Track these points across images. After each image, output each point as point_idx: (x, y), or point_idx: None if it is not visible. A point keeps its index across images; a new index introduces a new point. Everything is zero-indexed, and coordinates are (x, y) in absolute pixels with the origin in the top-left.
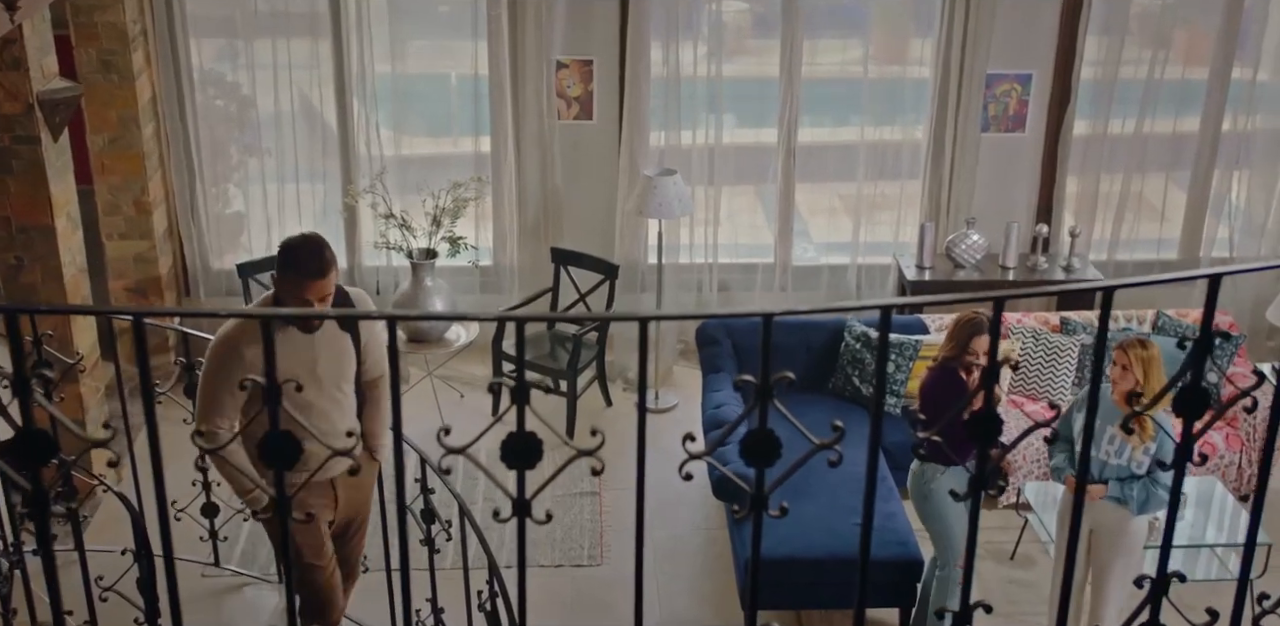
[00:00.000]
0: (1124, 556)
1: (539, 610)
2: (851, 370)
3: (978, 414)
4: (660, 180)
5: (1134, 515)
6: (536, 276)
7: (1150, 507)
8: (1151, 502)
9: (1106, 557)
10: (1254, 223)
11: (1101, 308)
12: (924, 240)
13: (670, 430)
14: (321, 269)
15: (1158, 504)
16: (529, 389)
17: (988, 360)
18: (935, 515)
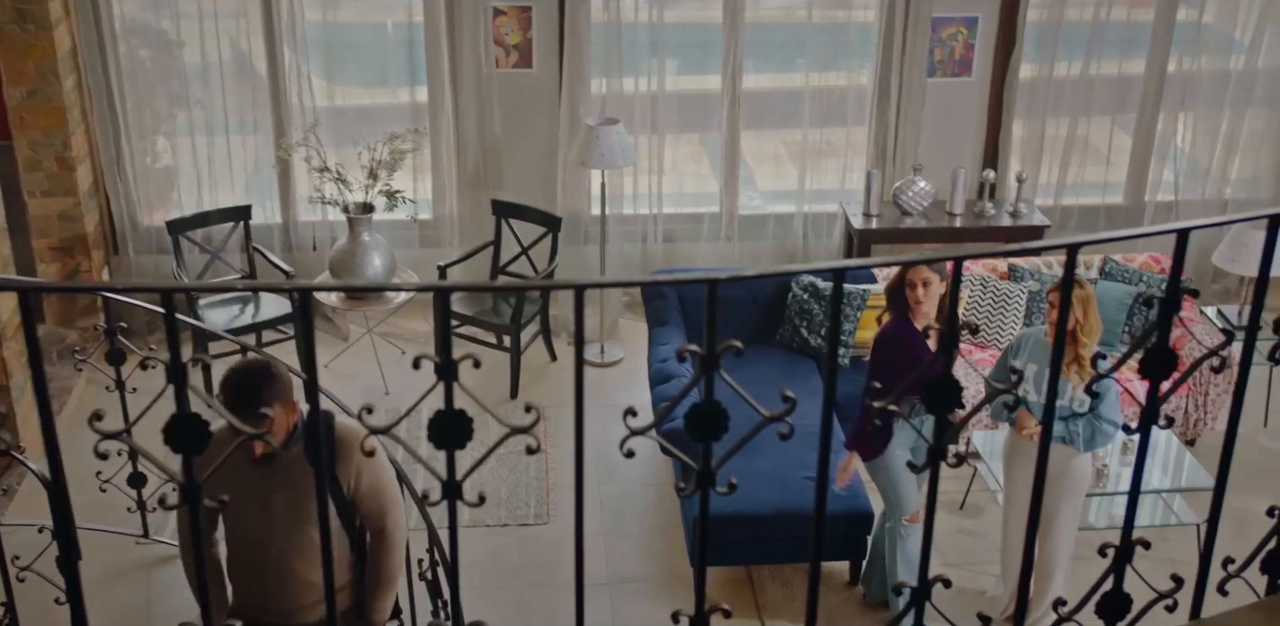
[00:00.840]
0: (1071, 498)
1: (486, 571)
2: (799, 321)
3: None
4: (602, 130)
5: (1080, 452)
6: (477, 229)
7: (1096, 443)
8: (1098, 437)
9: (1053, 500)
10: (1198, 165)
11: (1066, 265)
12: (870, 188)
13: (617, 384)
14: (252, 404)
15: (1104, 438)
16: (455, 366)
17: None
18: (881, 468)
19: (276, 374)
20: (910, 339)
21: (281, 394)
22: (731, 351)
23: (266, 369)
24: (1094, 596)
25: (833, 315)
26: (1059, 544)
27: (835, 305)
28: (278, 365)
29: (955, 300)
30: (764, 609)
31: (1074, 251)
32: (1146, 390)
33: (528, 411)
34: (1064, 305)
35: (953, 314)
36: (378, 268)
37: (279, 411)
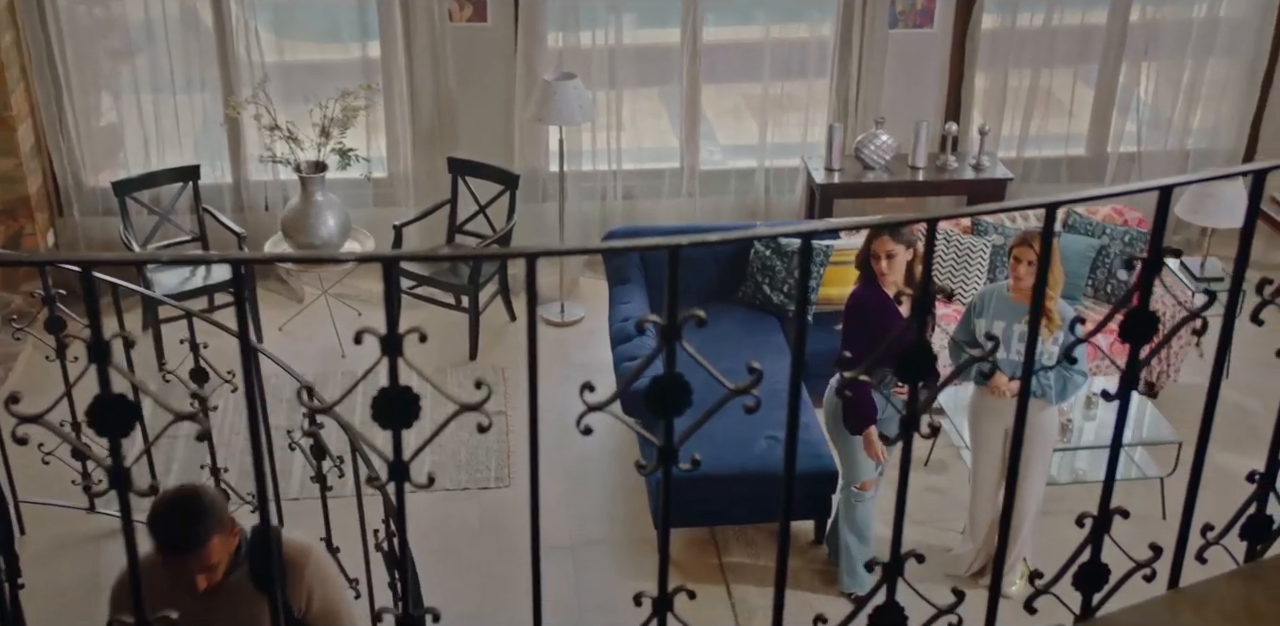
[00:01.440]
0: (1040, 452)
1: (446, 535)
2: (761, 278)
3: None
4: (559, 85)
5: (1052, 404)
6: (433, 188)
7: (1068, 393)
8: (1069, 388)
9: (1023, 455)
10: (1160, 116)
11: (1045, 223)
12: (832, 141)
13: (578, 343)
14: (186, 544)
15: (1074, 389)
16: (400, 341)
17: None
18: (838, 433)
19: (210, 503)
20: (881, 305)
21: (218, 524)
22: (693, 321)
23: (197, 500)
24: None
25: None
26: (1027, 499)
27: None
28: (208, 492)
29: (929, 264)
30: (728, 570)
31: (1053, 210)
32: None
33: (478, 387)
34: (1043, 263)
35: (925, 279)
36: (331, 228)
37: (218, 544)
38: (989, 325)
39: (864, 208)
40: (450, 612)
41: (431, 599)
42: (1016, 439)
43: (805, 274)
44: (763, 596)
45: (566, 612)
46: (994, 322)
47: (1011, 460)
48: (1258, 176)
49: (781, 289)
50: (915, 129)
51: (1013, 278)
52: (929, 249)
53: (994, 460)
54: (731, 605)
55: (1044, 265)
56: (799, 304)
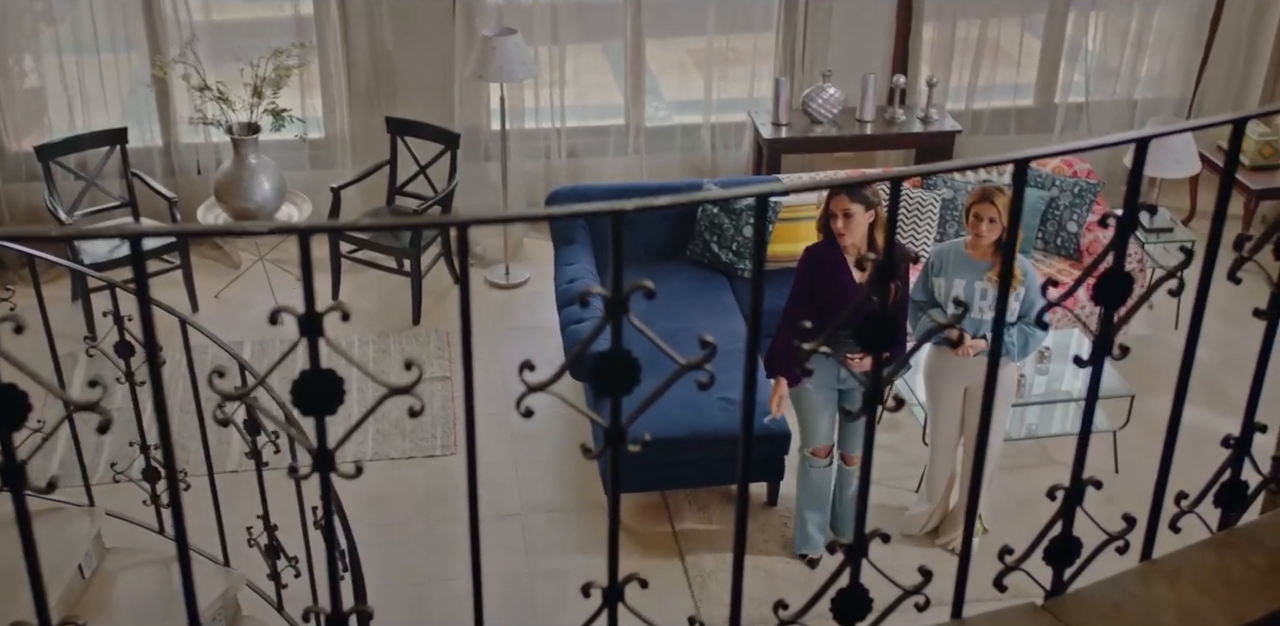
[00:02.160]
0: (1000, 408)
1: (392, 504)
2: (709, 236)
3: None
4: (500, 40)
5: (1014, 360)
6: (371, 148)
7: (1029, 349)
8: (1030, 343)
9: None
10: (1108, 66)
11: (1015, 180)
12: (779, 96)
13: (524, 305)
14: None
15: (1036, 344)
16: (320, 319)
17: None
18: (794, 396)
19: None
20: (835, 262)
21: None
22: (642, 292)
23: None
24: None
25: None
26: (987, 456)
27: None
28: None
29: (893, 225)
30: (681, 535)
31: (1023, 166)
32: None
33: (408, 368)
34: (1014, 220)
35: (890, 243)
36: (266, 191)
37: None
38: (949, 284)
39: (812, 163)
40: (397, 582)
41: (378, 571)
42: (988, 399)
43: (761, 236)
44: (717, 561)
45: (517, 582)
46: (954, 281)
47: (982, 419)
48: (1237, 125)
49: (730, 247)
50: (863, 82)
51: (972, 235)
52: (893, 209)
53: (952, 420)
54: (685, 570)
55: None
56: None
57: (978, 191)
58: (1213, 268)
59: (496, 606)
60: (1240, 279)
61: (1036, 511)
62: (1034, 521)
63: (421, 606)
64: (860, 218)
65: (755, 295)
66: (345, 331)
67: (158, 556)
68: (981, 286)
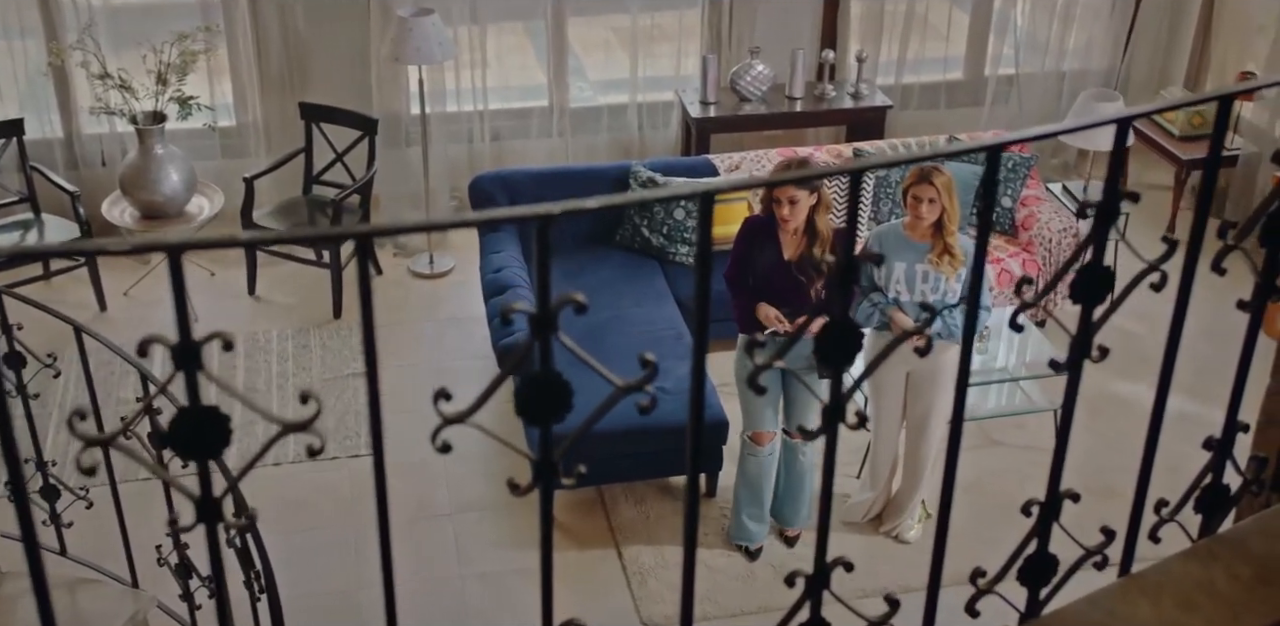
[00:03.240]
0: (944, 394)
1: (312, 508)
2: (639, 220)
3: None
4: (416, 21)
5: (957, 344)
6: (286, 136)
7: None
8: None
9: (929, 397)
10: (1036, 38)
11: (987, 168)
12: (707, 73)
13: (451, 295)
14: None
15: (980, 324)
16: (198, 349)
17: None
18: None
19: None
20: (770, 235)
21: None
22: (572, 307)
23: None
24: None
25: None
26: (931, 442)
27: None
28: None
29: (854, 225)
30: (618, 530)
31: (995, 153)
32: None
33: (305, 402)
34: (986, 213)
35: (848, 249)
36: (175, 183)
37: None
38: (889, 267)
39: (742, 141)
40: (323, 590)
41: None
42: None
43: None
44: (655, 556)
45: (447, 584)
46: (894, 264)
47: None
48: (1222, 102)
49: (661, 230)
50: (791, 58)
51: (911, 216)
52: (852, 204)
53: (895, 405)
54: (623, 567)
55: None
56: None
57: (915, 172)
58: (1197, 256)
59: (428, 611)
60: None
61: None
62: (977, 505)
63: (350, 615)
64: (804, 203)
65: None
66: (263, 326)
67: (59, 579)
68: (922, 269)
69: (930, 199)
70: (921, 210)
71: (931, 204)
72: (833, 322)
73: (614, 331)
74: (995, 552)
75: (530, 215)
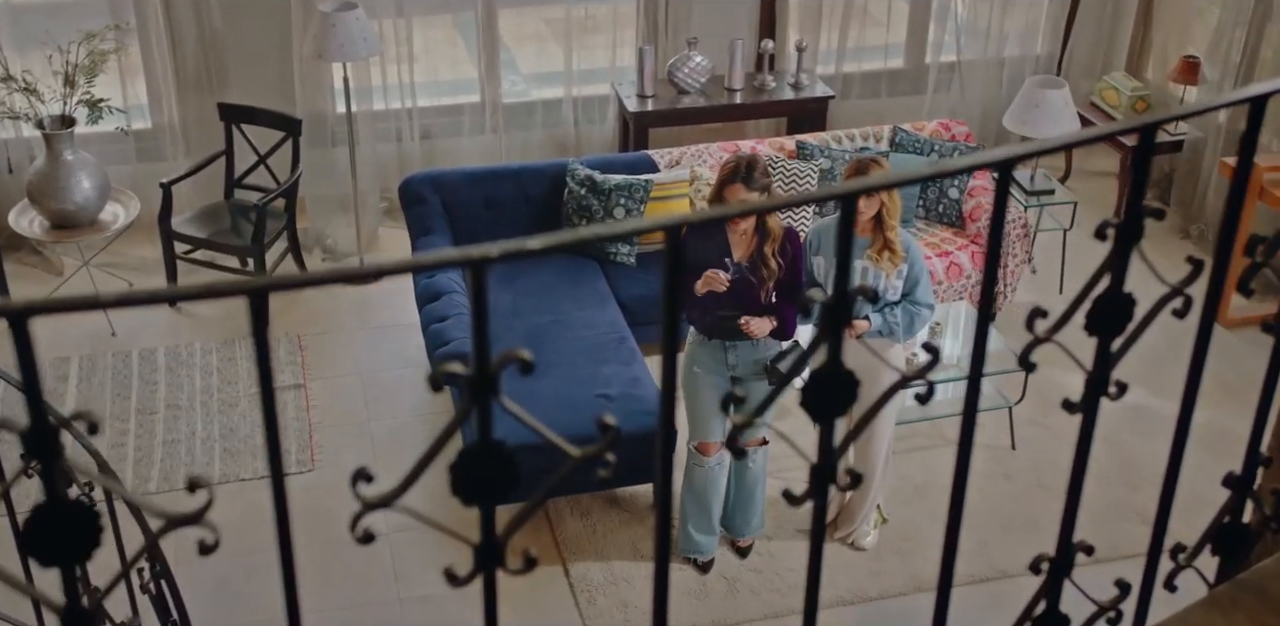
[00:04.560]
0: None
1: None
2: (578, 220)
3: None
4: (340, 16)
5: (900, 342)
6: (205, 138)
7: (916, 328)
8: (916, 322)
9: (872, 397)
10: (977, 25)
11: (998, 186)
12: (643, 66)
13: (383, 302)
14: None
15: (921, 323)
16: (57, 435)
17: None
18: (686, 379)
19: None
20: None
21: None
22: (516, 366)
23: None
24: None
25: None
26: (878, 444)
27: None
28: None
29: (849, 246)
30: (564, 545)
31: (1007, 169)
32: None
33: (192, 491)
34: (995, 232)
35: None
36: (87, 190)
37: None
38: (828, 262)
39: (680, 135)
40: (253, 620)
41: (232, 608)
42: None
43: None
44: (604, 572)
45: (386, 609)
46: (833, 260)
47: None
48: (1254, 104)
49: None
50: (730, 48)
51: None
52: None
53: None
54: (570, 585)
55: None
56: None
57: (854, 164)
58: (1224, 277)
59: None
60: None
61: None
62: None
63: None
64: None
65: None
66: (185, 339)
67: None
68: (861, 264)
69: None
70: (859, 204)
71: (869, 197)
72: (823, 373)
73: (555, 337)
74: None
75: (463, 260)
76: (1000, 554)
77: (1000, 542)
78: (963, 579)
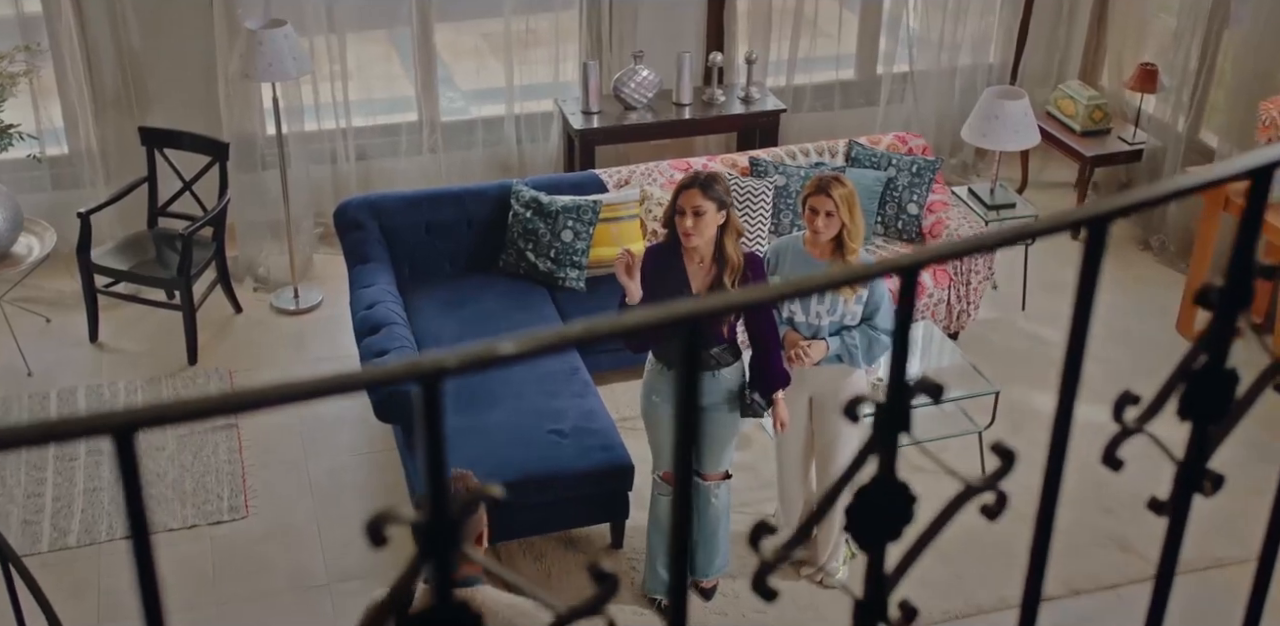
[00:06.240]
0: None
1: (174, 587)
2: (524, 243)
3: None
4: (267, 34)
5: (859, 367)
6: (126, 164)
7: (875, 353)
8: (875, 348)
9: (833, 425)
10: (929, 35)
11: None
12: (588, 81)
13: (320, 333)
14: None
15: (881, 348)
16: None
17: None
18: (647, 409)
19: None
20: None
21: None
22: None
23: None
24: None
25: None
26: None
27: (689, 390)
28: None
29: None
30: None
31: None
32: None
33: None
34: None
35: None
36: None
37: None
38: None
39: (628, 153)
40: None
41: None
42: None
43: (692, 387)
44: None
45: None
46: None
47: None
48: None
49: (548, 254)
50: (677, 61)
51: (809, 230)
52: (905, 303)
53: (799, 433)
54: None
55: (1088, 289)
56: (686, 395)
57: (814, 182)
58: None
59: None
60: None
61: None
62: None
63: None
64: (711, 217)
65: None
66: (109, 377)
67: None
68: None
69: (828, 212)
70: (818, 223)
71: (829, 217)
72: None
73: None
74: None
75: (412, 374)
76: (976, 587)
77: (976, 575)
78: (937, 616)
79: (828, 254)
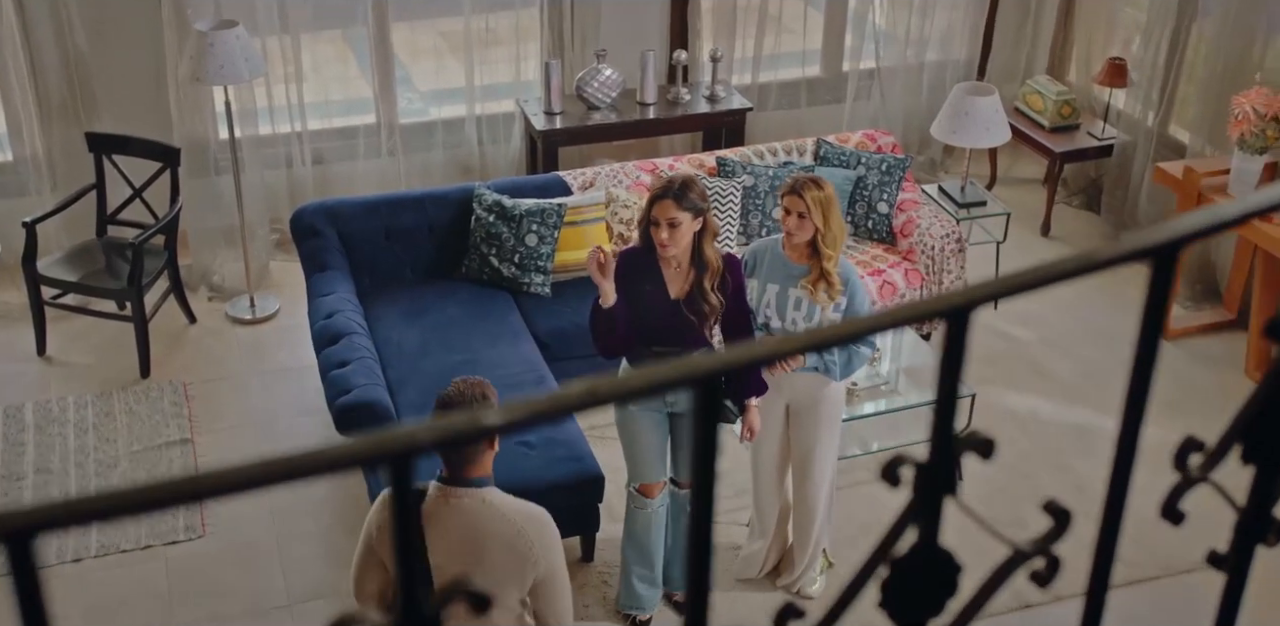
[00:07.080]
0: (828, 429)
1: (127, 608)
2: (487, 248)
3: None
4: (218, 35)
5: (837, 379)
6: (73, 171)
7: (854, 366)
8: (855, 362)
9: (810, 433)
10: (895, 30)
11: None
12: (549, 80)
13: (277, 342)
14: None
15: (860, 361)
16: None
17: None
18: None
19: None
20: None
21: None
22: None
23: None
24: None
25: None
26: (819, 482)
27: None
28: None
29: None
30: None
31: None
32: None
33: None
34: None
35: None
36: None
37: None
38: (762, 287)
39: (591, 154)
40: None
41: None
42: None
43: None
44: None
45: None
46: (767, 285)
47: None
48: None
49: (512, 259)
50: (641, 60)
51: (784, 232)
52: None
53: (774, 442)
54: None
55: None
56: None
57: (788, 183)
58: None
59: None
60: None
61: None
62: None
63: None
64: (687, 226)
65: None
66: (58, 392)
67: None
68: (796, 295)
69: (800, 213)
70: (789, 224)
71: (801, 219)
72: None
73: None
74: None
75: (378, 454)
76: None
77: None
78: None
79: (805, 258)
